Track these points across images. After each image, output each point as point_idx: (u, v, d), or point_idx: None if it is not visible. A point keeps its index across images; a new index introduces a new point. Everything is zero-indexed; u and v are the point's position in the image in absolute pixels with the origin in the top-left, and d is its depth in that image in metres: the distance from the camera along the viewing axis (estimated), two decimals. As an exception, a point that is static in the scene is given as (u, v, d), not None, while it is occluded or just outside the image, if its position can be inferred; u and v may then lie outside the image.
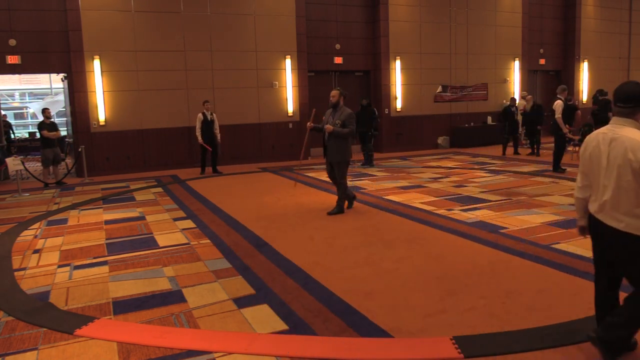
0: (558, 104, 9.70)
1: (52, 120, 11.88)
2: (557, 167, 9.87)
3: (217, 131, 11.36)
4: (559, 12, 18.20)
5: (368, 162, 11.85)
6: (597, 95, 13.52)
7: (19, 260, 5.21)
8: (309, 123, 6.99)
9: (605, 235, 2.81)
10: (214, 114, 11.37)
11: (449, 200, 7.56)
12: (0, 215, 7.58)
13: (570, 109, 11.10)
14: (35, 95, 23.05)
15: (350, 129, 6.68)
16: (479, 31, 15.86)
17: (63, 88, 13.41)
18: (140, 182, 10.54)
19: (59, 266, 4.96)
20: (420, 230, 5.84)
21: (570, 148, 13.09)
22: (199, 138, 11.14)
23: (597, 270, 3.00)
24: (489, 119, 16.23)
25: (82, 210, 7.77)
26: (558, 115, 9.56)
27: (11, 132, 14.47)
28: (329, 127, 6.67)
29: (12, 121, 18.90)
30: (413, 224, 6.17)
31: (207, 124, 11.16)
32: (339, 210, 6.86)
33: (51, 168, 10.78)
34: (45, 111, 10.85)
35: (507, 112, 13.13)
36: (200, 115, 11.17)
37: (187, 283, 4.33)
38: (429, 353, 3.03)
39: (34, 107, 20.83)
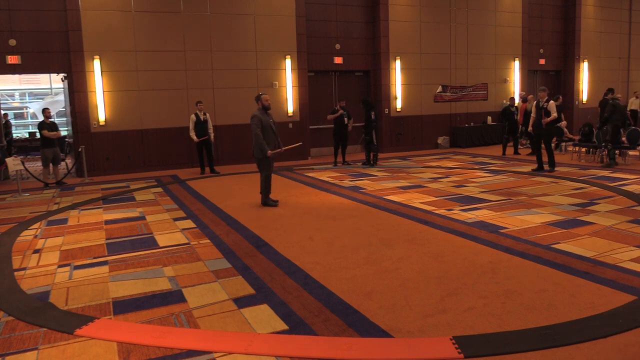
0: (551, 105, 9.92)
1: (52, 120, 11.87)
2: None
3: (211, 131, 11.37)
4: (559, 12, 18.21)
5: (367, 162, 11.86)
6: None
7: (19, 260, 5.21)
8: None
9: None
10: (207, 114, 11.36)
11: (449, 200, 7.57)
12: (0, 215, 7.58)
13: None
14: (35, 95, 23.01)
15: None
16: (479, 31, 15.86)
17: (63, 88, 13.40)
18: (140, 182, 10.54)
19: (59, 266, 4.95)
20: (420, 230, 5.84)
21: (570, 148, 13.12)
22: (194, 138, 11.15)
23: None
24: (489, 119, 16.23)
25: (82, 210, 7.77)
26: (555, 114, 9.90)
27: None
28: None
29: (12, 121, 18.87)
30: (413, 224, 6.18)
31: (200, 124, 11.15)
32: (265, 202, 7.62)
33: (51, 168, 10.77)
34: (45, 111, 10.84)
35: (507, 112, 13.14)
36: (192, 117, 11.17)
37: (187, 283, 4.33)
38: (428, 353, 3.03)
39: (34, 107, 20.81)
